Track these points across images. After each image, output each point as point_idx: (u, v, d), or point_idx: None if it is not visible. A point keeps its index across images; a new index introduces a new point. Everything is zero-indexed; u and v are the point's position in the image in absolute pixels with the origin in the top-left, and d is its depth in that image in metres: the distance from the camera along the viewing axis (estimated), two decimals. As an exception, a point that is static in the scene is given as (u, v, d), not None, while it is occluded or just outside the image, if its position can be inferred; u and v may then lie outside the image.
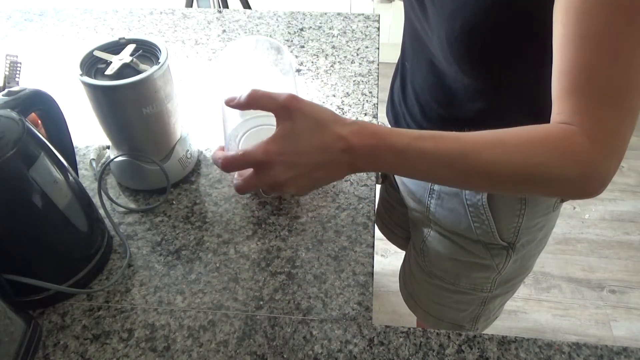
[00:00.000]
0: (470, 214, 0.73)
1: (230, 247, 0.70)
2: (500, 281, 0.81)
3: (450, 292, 0.84)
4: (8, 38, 1.15)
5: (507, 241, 0.74)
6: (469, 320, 0.88)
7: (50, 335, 0.60)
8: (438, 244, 0.81)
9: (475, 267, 0.79)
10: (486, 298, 0.84)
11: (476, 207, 0.72)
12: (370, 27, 1.14)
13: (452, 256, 0.80)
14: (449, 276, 0.83)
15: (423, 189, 0.78)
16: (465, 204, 0.73)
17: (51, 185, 0.58)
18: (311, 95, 0.95)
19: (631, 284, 1.67)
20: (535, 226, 0.74)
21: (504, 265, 0.78)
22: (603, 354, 0.57)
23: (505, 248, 0.75)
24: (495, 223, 0.72)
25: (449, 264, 0.81)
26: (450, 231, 0.78)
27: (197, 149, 0.83)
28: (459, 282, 0.82)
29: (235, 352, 0.58)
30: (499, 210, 0.71)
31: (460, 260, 0.79)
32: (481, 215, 0.72)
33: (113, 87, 0.65)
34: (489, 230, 0.73)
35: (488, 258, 0.77)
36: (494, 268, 0.78)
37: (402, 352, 0.57)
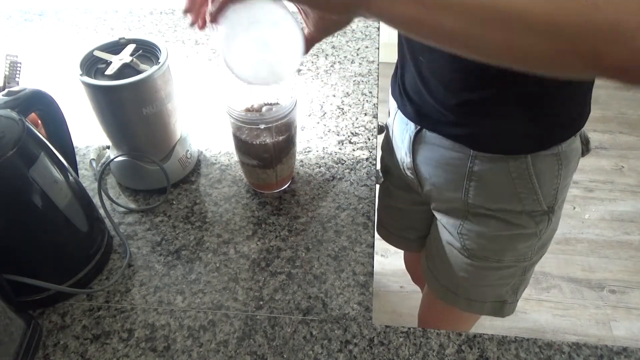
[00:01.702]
0: (515, 185, 0.73)
1: (230, 247, 0.70)
2: (539, 246, 0.82)
3: (495, 270, 0.84)
4: (8, 38, 1.15)
5: (548, 205, 0.76)
6: (511, 293, 0.89)
7: (50, 335, 0.60)
8: (479, 225, 0.81)
9: (519, 238, 0.80)
10: (526, 267, 0.85)
11: (522, 176, 0.72)
12: (370, 27, 1.14)
13: (496, 233, 0.80)
14: (494, 254, 0.83)
15: (458, 174, 0.77)
16: (510, 176, 0.73)
17: (51, 185, 0.58)
18: (311, 95, 0.95)
19: (631, 284, 1.67)
20: (566, 186, 0.77)
21: (545, 230, 0.79)
22: (603, 354, 0.57)
23: (547, 212, 0.77)
24: (540, 189, 0.73)
25: (494, 242, 0.81)
26: (492, 209, 0.78)
27: (197, 149, 0.84)
28: (504, 257, 0.82)
29: (235, 352, 0.58)
30: (543, 175, 0.72)
31: (504, 235, 0.80)
32: (527, 183, 0.73)
33: (113, 87, 0.65)
34: (534, 198, 0.74)
35: (532, 226, 0.78)
36: (536, 234, 0.79)
37: (402, 352, 0.57)
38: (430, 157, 0.79)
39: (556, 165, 0.72)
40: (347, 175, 0.79)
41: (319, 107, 0.92)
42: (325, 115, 0.91)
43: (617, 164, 2.08)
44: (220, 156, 0.84)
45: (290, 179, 0.79)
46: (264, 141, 0.69)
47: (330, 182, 0.78)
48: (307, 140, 0.86)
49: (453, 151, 0.75)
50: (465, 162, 0.74)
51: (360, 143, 0.85)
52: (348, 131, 0.87)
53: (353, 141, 0.85)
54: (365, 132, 0.87)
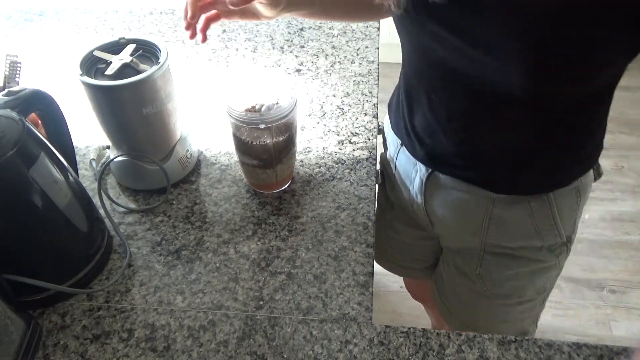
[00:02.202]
0: (536, 223, 0.71)
1: (230, 247, 0.70)
2: (557, 274, 0.82)
3: (516, 305, 0.83)
4: (8, 38, 1.15)
5: (567, 236, 0.75)
6: (532, 322, 0.87)
7: (50, 335, 0.60)
8: (497, 265, 0.78)
9: (539, 272, 0.78)
10: (545, 296, 0.84)
11: (543, 214, 0.70)
12: (370, 27, 1.14)
13: (515, 271, 0.77)
14: (514, 291, 0.80)
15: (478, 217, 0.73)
16: (532, 215, 0.70)
17: (51, 185, 0.58)
18: (311, 95, 0.95)
19: (631, 284, 1.66)
20: (581, 214, 0.75)
21: (564, 260, 0.78)
22: (603, 354, 0.57)
23: (565, 243, 0.75)
24: (561, 222, 0.72)
25: (513, 280, 0.79)
26: (511, 248, 0.75)
27: (197, 149, 0.84)
28: (525, 293, 0.80)
29: (235, 352, 0.58)
30: (563, 210, 0.71)
31: (524, 271, 0.77)
32: (549, 220, 0.71)
33: (113, 87, 0.65)
34: (555, 233, 0.73)
35: (552, 259, 0.76)
36: (556, 266, 0.78)
37: (402, 352, 0.57)
38: (445, 200, 0.75)
39: (575, 198, 0.71)
40: (347, 175, 0.79)
41: (319, 107, 0.92)
42: (325, 115, 0.91)
43: (617, 164, 2.08)
44: (220, 156, 0.84)
45: (290, 179, 0.79)
46: (264, 141, 0.69)
47: (330, 182, 0.78)
48: (307, 140, 0.86)
49: (470, 194, 0.71)
50: (483, 205, 0.71)
51: (360, 143, 0.85)
52: (348, 131, 0.87)
53: (353, 141, 0.85)
54: (365, 132, 0.87)
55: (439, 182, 0.74)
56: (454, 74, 0.61)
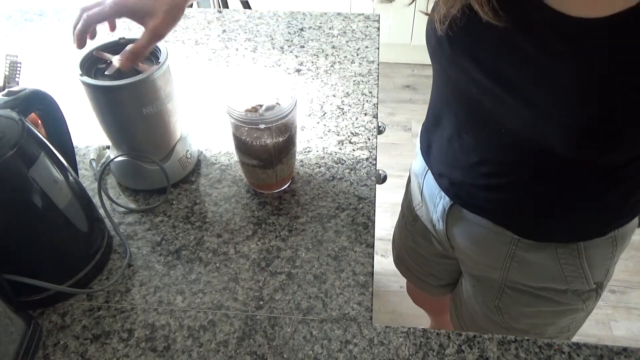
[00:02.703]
0: (562, 268, 0.67)
1: (230, 247, 0.70)
2: (584, 317, 0.77)
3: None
4: (8, 38, 1.15)
5: (597, 282, 0.70)
6: None
7: (50, 335, 0.60)
8: (519, 301, 0.74)
9: (563, 313, 0.74)
10: (570, 335, 0.80)
11: (571, 261, 0.67)
12: (370, 27, 1.14)
13: (537, 309, 0.74)
14: (535, 328, 0.77)
15: (499, 255, 0.71)
16: (558, 262, 0.67)
17: (51, 185, 0.58)
18: (311, 95, 0.95)
19: (631, 284, 1.66)
20: (617, 261, 0.71)
21: (593, 305, 0.74)
22: (603, 354, 0.57)
23: (595, 290, 0.71)
24: (590, 271, 0.68)
25: (535, 317, 0.76)
26: (534, 287, 0.72)
27: (197, 149, 0.84)
28: (546, 331, 0.77)
29: (235, 352, 0.58)
30: (594, 259, 0.67)
31: (546, 311, 0.74)
32: (577, 268, 0.67)
33: (113, 87, 0.65)
34: (583, 280, 0.69)
35: (579, 303, 0.72)
36: (583, 310, 0.74)
37: (402, 352, 0.57)
38: (466, 232, 0.74)
39: (610, 248, 0.67)
40: (347, 175, 0.79)
41: (319, 107, 0.92)
42: (325, 115, 0.91)
43: (617, 164, 2.08)
44: (220, 156, 0.84)
45: (290, 179, 0.79)
46: (264, 141, 0.69)
47: (330, 182, 0.78)
48: (307, 140, 0.86)
49: (493, 232, 0.69)
50: (506, 244, 0.69)
51: (360, 143, 0.85)
52: (348, 131, 0.87)
53: (353, 141, 0.85)
54: (365, 132, 0.87)
55: (461, 214, 0.72)
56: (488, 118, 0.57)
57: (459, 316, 0.90)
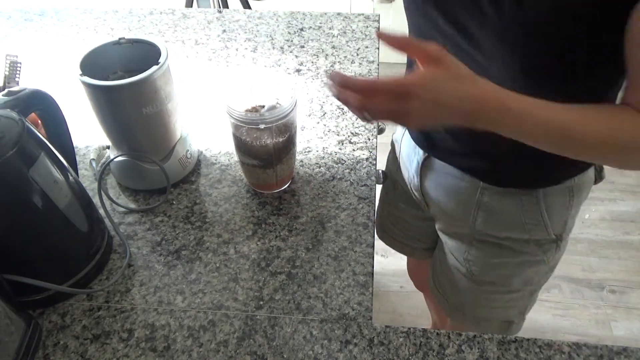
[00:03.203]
0: (524, 216, 0.73)
1: (230, 247, 0.70)
2: (546, 270, 0.82)
3: (502, 294, 0.84)
4: (8, 38, 1.15)
5: (557, 234, 0.75)
6: (518, 314, 0.89)
7: (50, 335, 0.60)
8: (485, 252, 0.80)
9: (526, 265, 0.80)
10: (534, 289, 0.85)
11: (532, 209, 0.72)
12: (370, 27, 1.14)
13: (502, 260, 0.79)
14: (501, 280, 0.82)
15: (466, 203, 0.76)
16: (520, 209, 0.72)
17: (51, 185, 0.58)
18: (311, 95, 0.95)
19: (631, 284, 1.66)
20: (576, 214, 0.76)
21: (553, 258, 0.79)
22: (603, 354, 0.57)
23: (555, 241, 0.76)
24: (550, 220, 0.73)
25: (500, 268, 0.81)
26: (498, 237, 0.77)
27: (197, 149, 0.83)
28: (512, 282, 0.82)
29: (235, 352, 0.58)
30: (553, 207, 0.72)
31: (511, 262, 0.79)
32: (537, 215, 0.72)
33: (113, 87, 0.65)
34: (542, 229, 0.74)
35: (540, 254, 0.78)
36: (544, 261, 0.79)
37: (402, 352, 0.57)
38: (438, 184, 0.79)
39: (567, 198, 0.72)
40: (347, 175, 0.79)
41: (319, 107, 0.92)
42: (325, 115, 0.91)
43: (617, 164, 2.08)
44: (220, 156, 0.84)
45: (290, 179, 0.79)
46: (264, 141, 0.69)
47: (330, 182, 0.78)
48: (307, 140, 0.86)
49: (462, 181, 0.74)
50: (474, 192, 0.74)
51: (360, 143, 0.85)
52: (348, 131, 0.87)
53: (353, 141, 0.85)
54: (365, 132, 0.87)
55: (433, 166, 0.78)
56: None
57: (435, 281, 0.94)
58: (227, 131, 0.73)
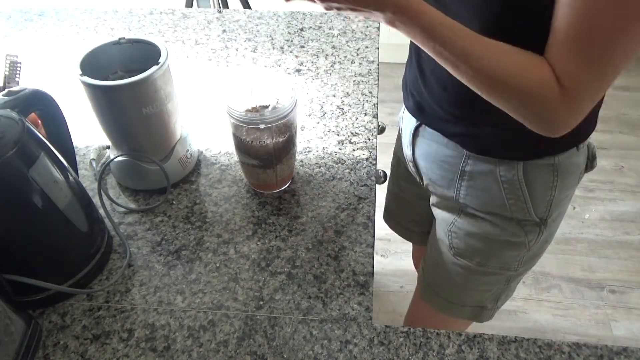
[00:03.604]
0: (504, 191, 0.73)
1: (230, 247, 0.70)
2: (527, 258, 0.82)
3: (478, 274, 0.84)
4: (8, 38, 1.15)
5: (540, 216, 0.75)
6: (492, 300, 0.89)
7: (50, 335, 0.60)
8: (468, 225, 0.81)
9: (506, 245, 0.80)
10: (511, 276, 0.85)
11: (511, 183, 0.72)
12: (370, 27, 1.14)
13: (483, 235, 0.80)
14: (479, 256, 0.83)
15: (452, 172, 0.78)
16: (499, 181, 0.73)
17: (51, 185, 0.58)
18: (311, 95, 0.95)
19: (631, 284, 1.67)
20: (564, 199, 0.76)
21: (536, 241, 0.79)
22: (603, 354, 0.57)
23: (538, 224, 0.76)
24: (531, 198, 0.73)
25: (480, 243, 0.81)
26: (482, 211, 0.78)
27: (197, 149, 0.84)
28: (488, 262, 0.82)
29: (235, 352, 0.58)
30: (534, 184, 0.72)
31: (492, 239, 0.80)
32: (517, 190, 0.73)
33: (113, 87, 0.65)
34: (524, 207, 0.74)
35: (521, 235, 0.78)
36: (524, 245, 0.79)
37: (402, 352, 0.57)
38: (427, 152, 0.81)
39: (551, 177, 0.72)
40: (347, 175, 0.79)
41: (319, 107, 0.92)
42: (325, 115, 0.91)
43: (617, 163, 2.08)
44: (220, 156, 0.84)
45: (290, 179, 0.79)
46: (264, 141, 0.69)
47: (330, 182, 0.78)
48: (307, 140, 0.86)
49: (447, 149, 0.76)
50: (458, 161, 0.75)
51: (360, 143, 0.85)
52: (348, 131, 0.87)
53: (353, 141, 0.85)
54: (365, 132, 0.87)
55: (423, 134, 0.80)
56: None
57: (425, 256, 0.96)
58: (227, 131, 0.73)
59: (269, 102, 0.73)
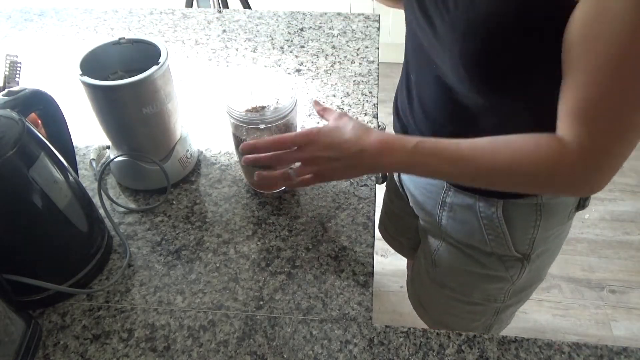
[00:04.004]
0: (484, 227, 0.72)
1: (230, 247, 0.70)
2: (514, 291, 0.80)
3: (463, 304, 0.83)
4: (8, 38, 1.15)
5: (522, 252, 0.73)
6: (482, 330, 0.87)
7: (50, 335, 0.60)
8: (450, 255, 0.80)
9: (488, 278, 0.78)
10: (499, 308, 0.83)
11: (490, 219, 0.70)
12: (370, 27, 1.14)
13: (464, 268, 0.79)
14: (462, 288, 0.81)
15: (434, 200, 0.77)
16: (479, 217, 0.71)
17: (51, 185, 0.58)
18: (311, 95, 0.95)
19: (631, 284, 1.67)
20: (550, 236, 0.73)
21: (519, 277, 0.76)
22: (603, 354, 0.57)
23: (520, 260, 0.74)
24: (511, 235, 0.71)
25: (462, 276, 0.80)
26: (462, 243, 0.77)
27: (197, 149, 0.84)
28: (472, 293, 0.81)
29: (235, 352, 0.58)
30: (515, 222, 0.70)
31: (473, 272, 0.78)
32: (496, 228, 0.71)
33: (113, 87, 0.65)
34: (503, 243, 0.72)
35: (502, 270, 0.76)
36: (508, 279, 0.77)
37: (402, 352, 0.57)
38: (412, 178, 0.82)
39: (533, 216, 0.69)
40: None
41: (319, 107, 0.92)
42: (325, 115, 0.91)
43: (617, 164, 2.08)
44: (220, 156, 0.84)
45: (290, 179, 0.79)
46: (264, 141, 0.69)
47: (330, 182, 0.78)
48: (307, 140, 0.86)
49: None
50: (440, 191, 0.75)
51: (360, 143, 0.85)
52: (348, 131, 0.87)
53: (353, 141, 0.85)
54: (365, 132, 0.86)
55: None
56: (424, 56, 0.65)
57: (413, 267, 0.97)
58: (227, 131, 0.73)
59: (269, 102, 0.73)
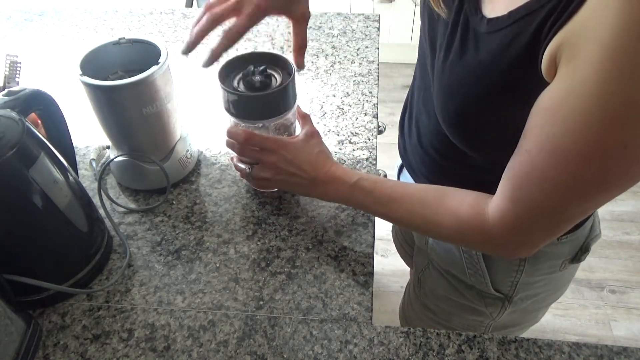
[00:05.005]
0: (464, 260, 0.72)
1: (230, 247, 0.70)
2: (495, 327, 0.79)
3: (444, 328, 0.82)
4: (8, 38, 1.15)
5: (503, 293, 0.72)
6: None
7: (50, 335, 0.60)
8: (434, 279, 0.80)
9: (468, 309, 0.77)
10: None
11: (470, 254, 0.70)
12: (370, 27, 1.14)
13: (446, 294, 0.78)
14: (442, 313, 0.82)
15: None
16: (460, 249, 0.71)
17: (51, 185, 0.58)
18: (311, 95, 0.95)
19: (631, 284, 1.67)
20: (537, 283, 0.72)
21: (499, 315, 0.76)
22: (603, 354, 0.57)
23: (501, 299, 0.73)
24: (490, 275, 0.70)
25: (443, 301, 0.80)
26: (446, 270, 0.77)
27: (197, 149, 0.83)
28: (452, 320, 0.81)
29: (235, 352, 0.58)
30: (494, 263, 0.69)
31: (453, 300, 0.78)
32: (475, 264, 0.70)
33: (113, 87, 0.65)
34: (482, 281, 0.71)
35: (481, 305, 0.75)
36: (487, 315, 0.76)
37: (402, 352, 0.57)
38: None
39: (516, 260, 0.68)
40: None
41: (319, 107, 0.92)
42: (325, 115, 0.91)
43: (617, 164, 2.08)
44: (220, 156, 0.84)
45: (290, 179, 0.79)
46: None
47: (330, 182, 0.78)
48: (307, 140, 0.86)
49: None
50: None
51: (360, 143, 0.85)
52: (348, 131, 0.87)
53: (353, 141, 0.85)
54: (365, 132, 0.87)
55: (404, 176, 0.82)
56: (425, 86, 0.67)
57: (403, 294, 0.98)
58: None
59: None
